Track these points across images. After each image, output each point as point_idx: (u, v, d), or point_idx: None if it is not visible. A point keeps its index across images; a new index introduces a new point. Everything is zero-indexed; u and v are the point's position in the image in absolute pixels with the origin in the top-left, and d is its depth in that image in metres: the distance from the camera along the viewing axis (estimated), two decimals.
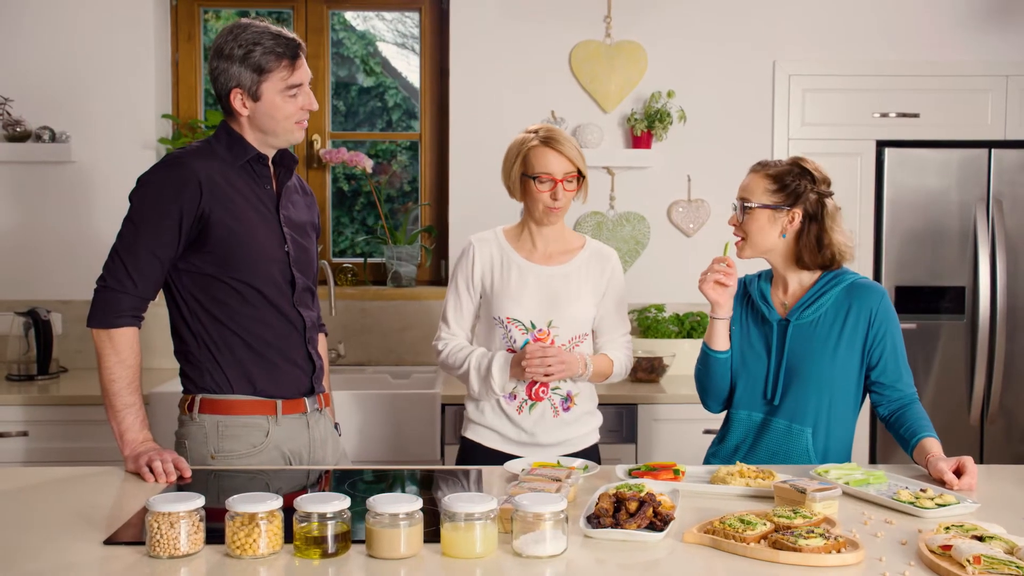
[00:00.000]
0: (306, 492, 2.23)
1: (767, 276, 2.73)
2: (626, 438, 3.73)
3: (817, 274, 2.63)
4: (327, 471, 2.50)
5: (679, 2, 4.29)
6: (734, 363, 2.68)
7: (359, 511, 1.91)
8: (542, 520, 1.79)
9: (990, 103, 4.31)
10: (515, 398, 2.78)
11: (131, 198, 2.49)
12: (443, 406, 3.69)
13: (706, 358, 2.69)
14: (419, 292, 4.32)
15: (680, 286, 4.33)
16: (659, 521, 1.91)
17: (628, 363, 2.92)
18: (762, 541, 1.84)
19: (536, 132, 2.79)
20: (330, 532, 1.77)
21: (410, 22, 7.00)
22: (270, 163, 2.60)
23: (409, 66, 7.37)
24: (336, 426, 2.80)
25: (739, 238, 2.64)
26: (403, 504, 1.78)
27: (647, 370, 3.95)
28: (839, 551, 1.78)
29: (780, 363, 2.59)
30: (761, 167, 2.65)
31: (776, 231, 2.58)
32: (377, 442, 3.66)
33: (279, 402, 2.54)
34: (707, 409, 2.79)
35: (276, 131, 2.51)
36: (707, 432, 3.72)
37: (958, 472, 2.28)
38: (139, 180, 2.50)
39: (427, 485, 2.35)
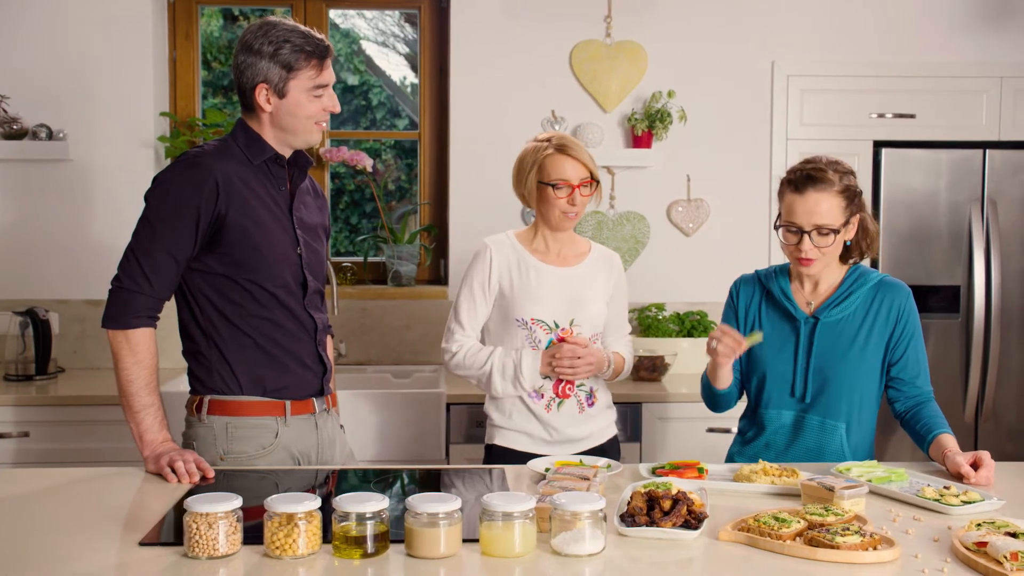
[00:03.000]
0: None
1: (783, 271, 2.72)
2: (631, 437, 3.74)
3: (844, 270, 2.65)
4: (334, 471, 2.51)
5: (679, 3, 4.31)
6: (757, 362, 2.67)
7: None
8: (582, 519, 1.79)
9: (985, 104, 4.36)
10: (543, 397, 2.81)
11: (147, 197, 2.47)
12: (448, 405, 3.69)
13: (712, 393, 2.70)
14: (420, 291, 4.32)
15: (680, 285, 4.36)
16: (693, 519, 1.92)
17: (632, 361, 3.02)
18: (797, 539, 1.85)
19: (548, 140, 2.84)
20: (369, 532, 1.77)
21: (390, 20, 6.97)
22: (286, 164, 2.59)
23: (390, 64, 7.35)
24: (341, 427, 2.80)
25: (809, 260, 2.54)
26: (443, 504, 1.78)
27: (649, 369, 3.96)
28: (875, 548, 1.79)
29: (809, 361, 2.60)
30: (825, 185, 2.52)
31: (842, 242, 2.57)
32: (380, 442, 3.66)
33: (288, 403, 2.54)
34: (712, 412, 2.83)
35: (296, 129, 2.50)
36: (711, 431, 3.74)
37: (975, 466, 2.31)
38: (155, 179, 2.48)
39: (448, 485, 2.35)
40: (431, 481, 2.41)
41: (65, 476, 2.38)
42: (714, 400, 2.74)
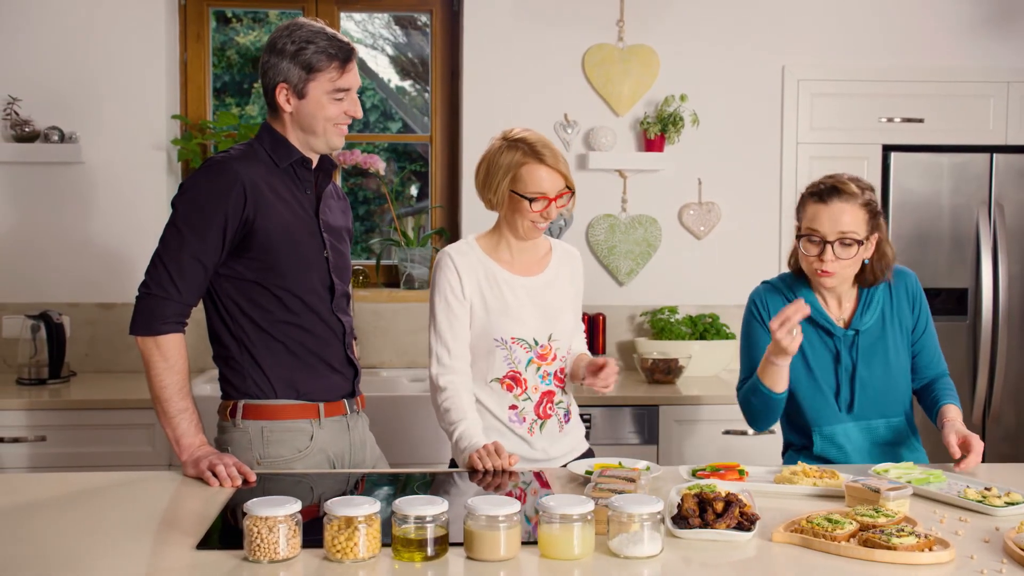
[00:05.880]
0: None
1: (803, 283, 2.70)
2: (648, 439, 3.75)
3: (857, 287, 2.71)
4: (364, 475, 2.51)
5: (691, 7, 4.34)
6: (802, 379, 2.67)
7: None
8: (641, 521, 1.80)
9: (992, 109, 4.41)
10: (524, 420, 2.68)
11: (174, 203, 2.46)
12: None
13: (768, 399, 2.57)
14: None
15: (692, 288, 4.38)
16: (746, 521, 1.93)
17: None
18: (851, 540, 1.87)
19: (522, 142, 2.64)
20: (429, 535, 1.77)
21: (379, 22, 6.96)
22: (311, 167, 2.59)
23: (378, 66, 7.34)
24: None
25: (834, 272, 2.56)
26: (503, 506, 1.79)
27: (664, 372, 3.98)
28: (931, 549, 1.81)
29: (854, 374, 2.64)
30: (850, 196, 2.55)
31: (861, 258, 2.60)
32: (396, 445, 3.65)
33: (321, 405, 2.54)
34: (755, 429, 2.78)
35: (316, 131, 2.50)
36: (727, 432, 3.76)
37: (963, 446, 2.42)
38: (182, 185, 2.48)
39: (492, 487, 2.36)
40: (469, 484, 2.41)
41: (99, 480, 2.37)
42: (770, 407, 2.59)
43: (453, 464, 2.73)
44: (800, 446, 2.74)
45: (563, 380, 2.76)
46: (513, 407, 2.68)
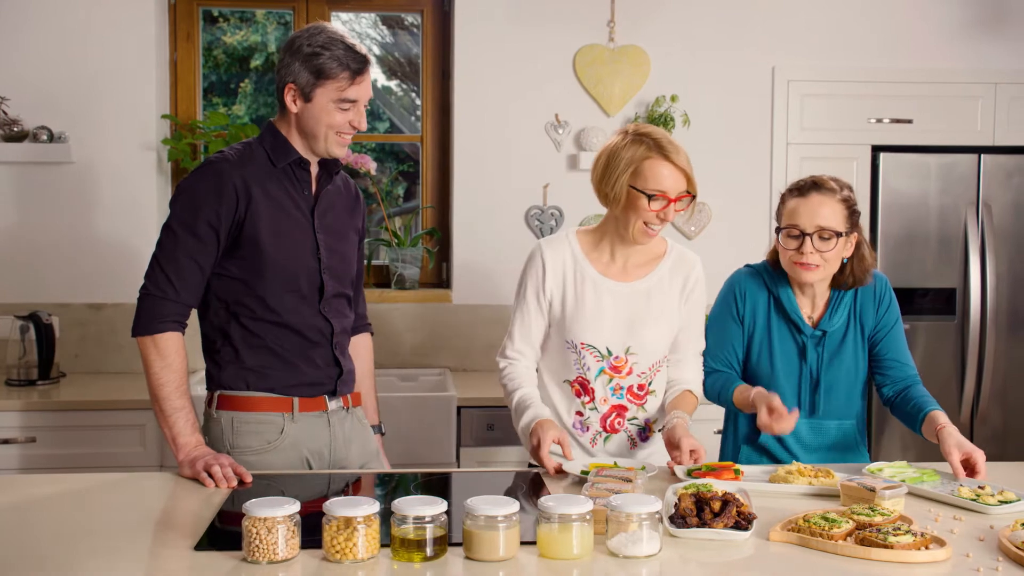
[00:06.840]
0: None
1: (782, 276, 2.70)
2: None
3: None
4: (354, 475, 2.52)
5: (681, 8, 4.35)
6: (764, 371, 2.71)
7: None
8: (640, 521, 1.81)
9: (980, 110, 4.43)
10: (588, 429, 2.62)
11: (171, 205, 2.50)
12: (459, 408, 3.69)
13: (737, 413, 2.75)
14: (424, 294, 4.32)
15: None
16: (743, 520, 1.94)
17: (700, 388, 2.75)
18: (848, 539, 1.88)
19: (647, 137, 2.51)
20: (429, 535, 1.78)
21: (366, 22, 6.96)
22: (312, 168, 2.59)
23: None
24: (380, 427, 2.85)
25: (814, 265, 2.57)
26: (501, 507, 1.79)
27: None
28: (927, 547, 1.82)
29: (819, 374, 2.66)
30: (828, 191, 2.58)
31: (841, 254, 2.61)
32: (387, 446, 3.62)
33: (296, 400, 2.54)
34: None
35: (318, 137, 2.50)
36: (719, 432, 3.75)
37: (967, 464, 2.39)
38: (178, 187, 2.51)
39: (492, 488, 2.36)
40: (464, 484, 2.41)
41: (94, 481, 2.37)
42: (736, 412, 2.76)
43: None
44: (747, 435, 2.76)
45: (641, 396, 2.64)
46: (579, 413, 2.63)
